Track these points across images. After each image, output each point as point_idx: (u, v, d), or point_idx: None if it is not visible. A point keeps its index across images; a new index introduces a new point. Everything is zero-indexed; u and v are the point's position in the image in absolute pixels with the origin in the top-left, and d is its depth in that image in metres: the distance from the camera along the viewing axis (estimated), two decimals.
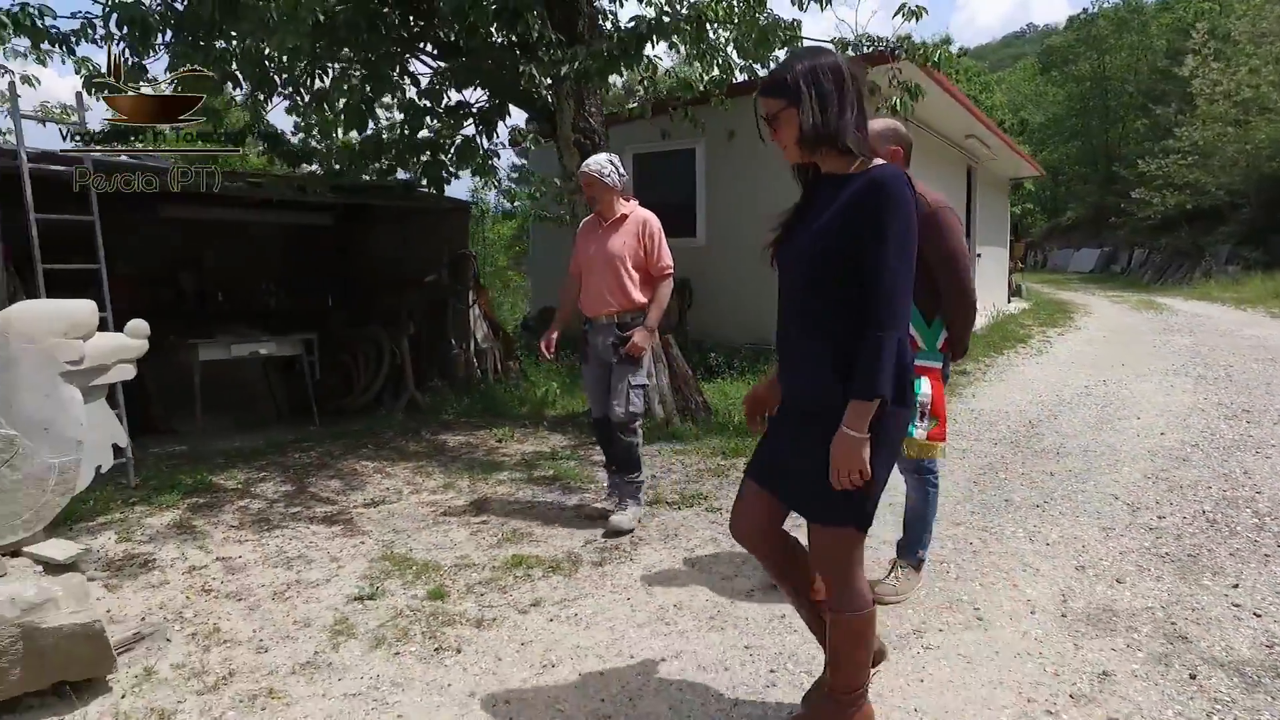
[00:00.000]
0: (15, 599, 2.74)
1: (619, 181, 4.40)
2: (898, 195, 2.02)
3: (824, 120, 2.08)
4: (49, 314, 3.10)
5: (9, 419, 3.02)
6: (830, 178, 2.19)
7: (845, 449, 2.03)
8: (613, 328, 4.38)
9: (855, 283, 2.05)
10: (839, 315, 2.09)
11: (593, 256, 4.42)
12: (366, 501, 5.10)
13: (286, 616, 3.50)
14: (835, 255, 2.07)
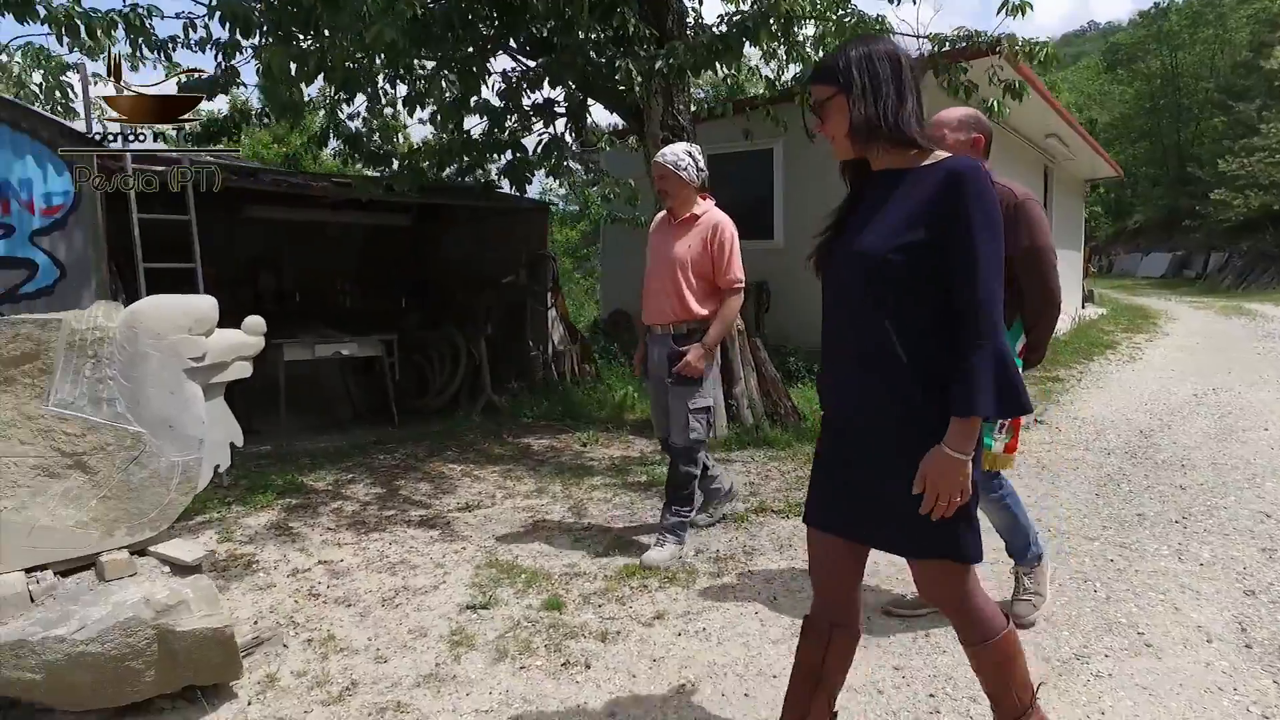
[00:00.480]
0: (150, 600, 2.67)
1: (696, 176, 3.88)
2: (983, 188, 1.80)
3: (878, 110, 1.86)
4: (174, 309, 3.03)
5: (136, 416, 2.96)
6: (884, 174, 1.95)
7: (945, 470, 1.79)
8: (668, 340, 3.90)
9: (933, 288, 1.83)
10: (918, 325, 1.85)
11: (657, 259, 3.98)
12: (460, 506, 5.00)
13: (400, 625, 3.38)
14: (909, 258, 1.83)
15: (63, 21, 4.70)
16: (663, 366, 3.92)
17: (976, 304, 1.77)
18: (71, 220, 4.72)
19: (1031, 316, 2.98)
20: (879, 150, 1.93)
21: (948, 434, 1.79)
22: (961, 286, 1.79)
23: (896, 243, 1.83)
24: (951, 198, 1.79)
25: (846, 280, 1.97)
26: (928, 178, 1.85)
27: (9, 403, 2.77)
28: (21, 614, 2.63)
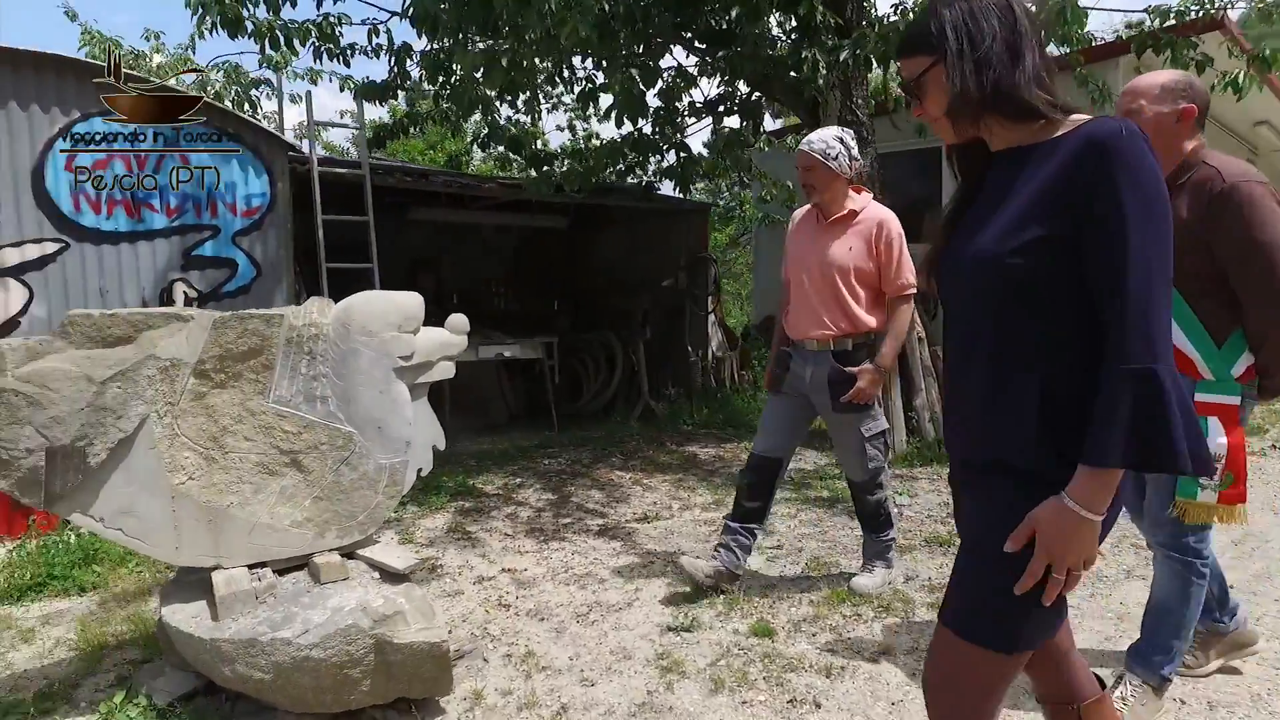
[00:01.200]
0: (366, 609, 2.57)
1: (849, 166, 3.34)
2: (1135, 157, 1.33)
3: (981, 76, 1.44)
4: (385, 305, 2.94)
5: (347, 415, 2.89)
6: (1005, 157, 1.52)
7: (1062, 528, 1.34)
8: (828, 359, 3.35)
9: (1070, 299, 1.40)
10: (1045, 341, 1.43)
11: (806, 263, 3.41)
12: (637, 516, 4.80)
13: (600, 644, 3.18)
14: (1032, 261, 1.40)
15: (265, 34, 4.86)
16: (819, 389, 3.37)
17: (1122, 314, 1.31)
18: (267, 221, 4.85)
19: (1259, 329, 2.33)
20: (993, 127, 1.50)
21: (1073, 483, 1.34)
22: (1104, 293, 1.34)
23: (1015, 242, 1.40)
24: (1088, 173, 1.34)
25: (957, 296, 1.56)
26: (1057, 151, 1.41)
27: (235, 398, 2.74)
28: (249, 611, 2.58)
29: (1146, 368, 1.28)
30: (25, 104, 4.12)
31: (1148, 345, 1.29)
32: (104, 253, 4.37)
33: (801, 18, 5.13)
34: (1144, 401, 1.28)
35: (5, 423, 2.33)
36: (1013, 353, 1.45)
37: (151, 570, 3.96)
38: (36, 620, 3.49)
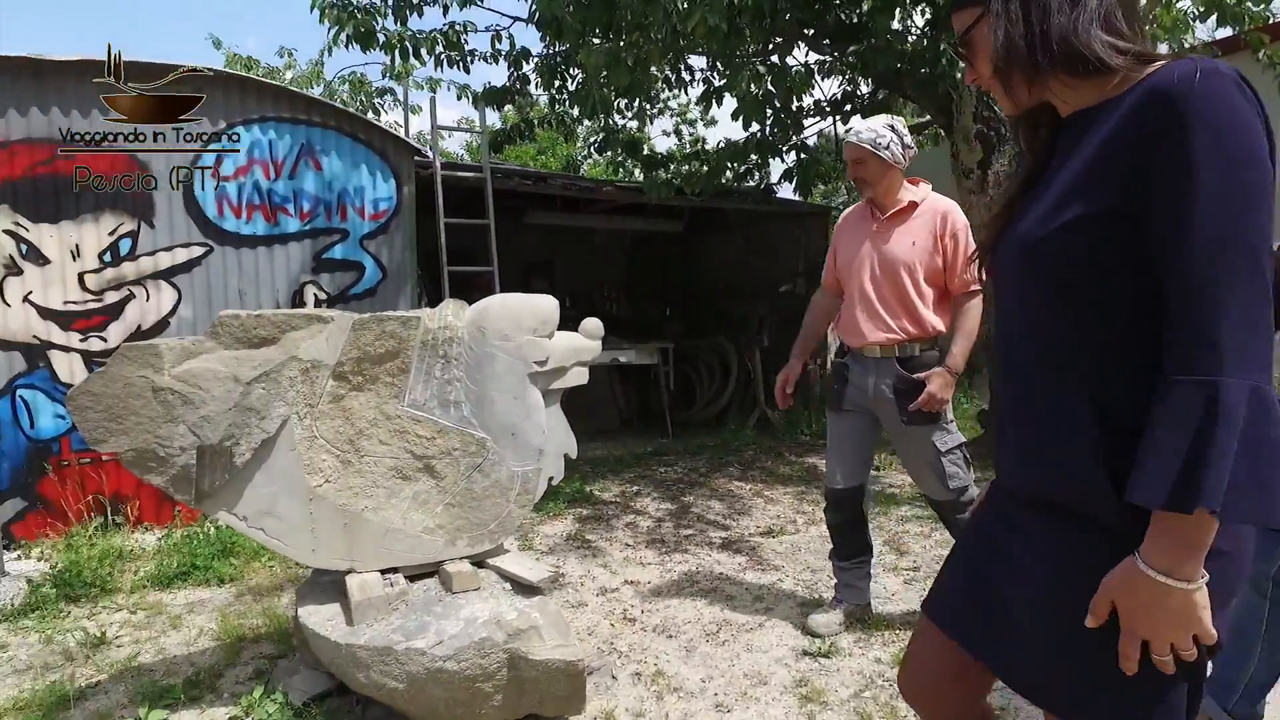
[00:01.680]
0: (500, 622, 2.49)
1: (903, 155, 3.02)
2: (1214, 106, 1.01)
3: (1029, 23, 1.17)
4: (521, 309, 2.86)
5: (480, 421, 2.82)
6: (1072, 121, 1.23)
7: (1146, 603, 1.04)
8: (892, 366, 3.03)
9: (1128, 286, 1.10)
10: (1100, 348, 1.13)
11: (863, 263, 3.09)
12: (761, 530, 4.60)
13: (732, 666, 3.01)
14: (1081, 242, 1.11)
15: (395, 45, 4.95)
16: (884, 401, 3.05)
17: (1183, 311, 1.02)
18: (393, 225, 4.91)
19: None
20: (1056, 87, 1.21)
21: (1146, 538, 1.04)
22: (1165, 284, 1.05)
23: (1060, 220, 1.14)
24: (1149, 131, 1.05)
25: (1002, 290, 1.30)
26: (1119, 108, 1.12)
27: (371, 401, 2.72)
28: (382, 617, 2.54)
29: (1209, 380, 0.98)
30: None
31: (1214, 352, 0.99)
32: (243, 256, 4.52)
33: (939, 8, 4.82)
34: (1211, 426, 0.97)
35: (162, 420, 2.36)
36: (1059, 361, 1.17)
37: (282, 566, 4.04)
38: (183, 607, 3.61)
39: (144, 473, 2.40)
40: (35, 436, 4.20)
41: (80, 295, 4.21)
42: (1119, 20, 1.16)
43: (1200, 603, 1.02)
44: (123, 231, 4.27)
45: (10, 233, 4.08)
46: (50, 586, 3.72)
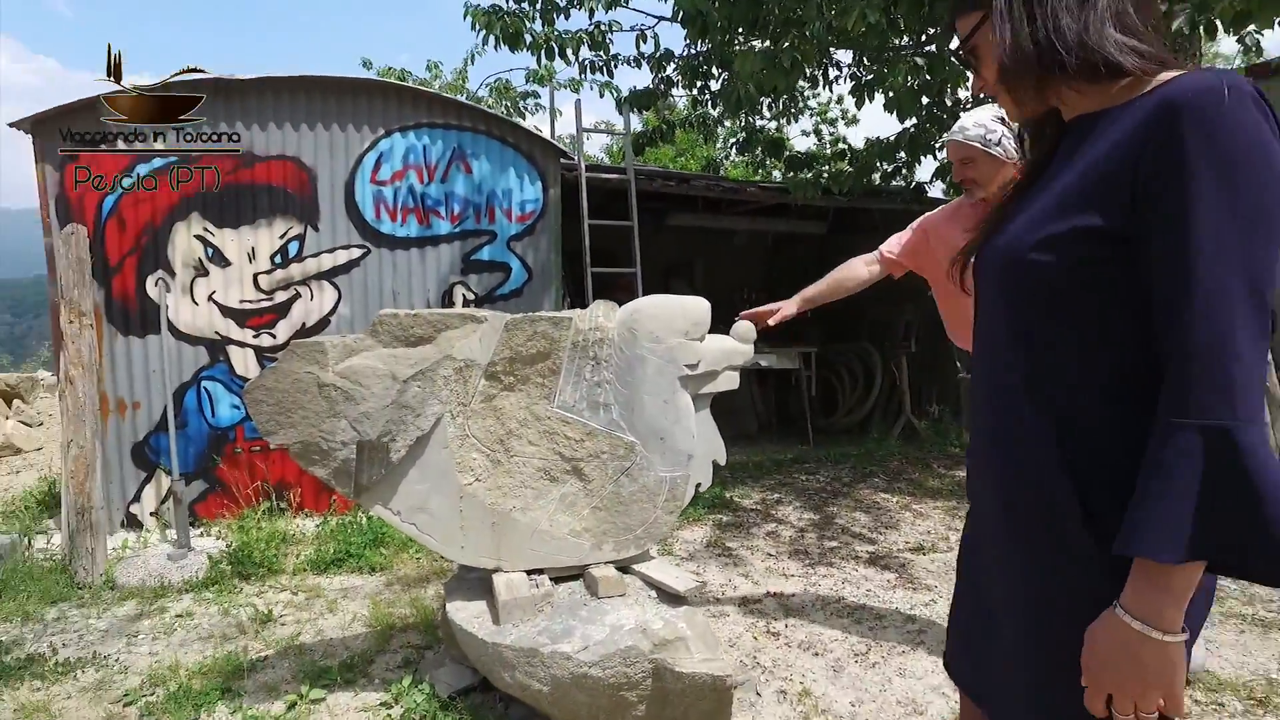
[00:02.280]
0: (646, 631, 2.42)
1: (1011, 149, 2.71)
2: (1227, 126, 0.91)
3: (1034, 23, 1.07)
4: (673, 310, 2.79)
5: (629, 424, 2.77)
6: (1075, 125, 1.13)
7: (1117, 654, 0.97)
8: None
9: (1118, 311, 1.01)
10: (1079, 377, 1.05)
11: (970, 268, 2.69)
12: (911, 546, 4.34)
13: (884, 691, 2.81)
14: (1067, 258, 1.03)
15: (541, 45, 5.01)
16: None
17: (1182, 351, 0.93)
18: (539, 226, 4.98)
19: None
20: (1064, 93, 1.12)
21: (1126, 586, 0.97)
22: (1166, 317, 0.95)
23: (1044, 232, 1.05)
24: (1154, 146, 0.95)
25: (983, 289, 1.21)
26: (1125, 116, 1.02)
27: (521, 402, 2.72)
28: (528, 618, 2.53)
29: (1219, 425, 0.89)
30: (344, 124, 4.54)
31: (1223, 395, 0.90)
32: (397, 257, 4.71)
33: None
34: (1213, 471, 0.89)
35: (326, 415, 2.44)
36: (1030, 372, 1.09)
37: (428, 559, 4.16)
38: (338, 592, 3.77)
39: (308, 464, 2.49)
40: (215, 424, 4.53)
41: (254, 294, 4.50)
42: (1132, 16, 1.06)
43: (1175, 659, 0.95)
44: (292, 235, 4.54)
45: (200, 238, 4.42)
46: (227, 564, 3.98)
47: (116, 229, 4.29)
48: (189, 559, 4.01)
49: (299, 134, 4.49)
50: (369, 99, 4.58)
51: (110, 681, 3.00)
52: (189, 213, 4.38)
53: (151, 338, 4.38)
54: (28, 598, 3.69)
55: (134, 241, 4.32)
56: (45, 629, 3.46)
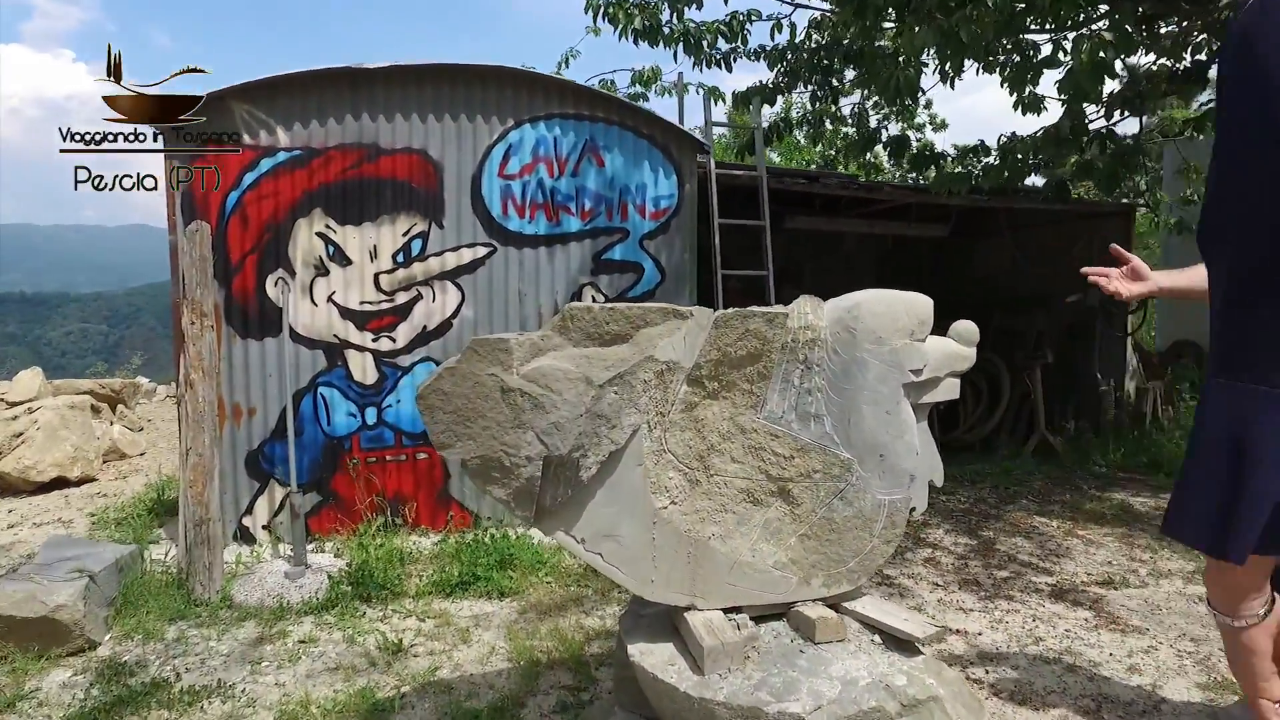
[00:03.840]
0: (890, 687, 2.02)
1: None
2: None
3: None
4: (898, 308, 2.40)
5: (843, 438, 2.37)
6: None
7: None
8: None
9: None
10: None
11: None
12: (1096, 579, 3.86)
13: None
14: None
15: (678, 38, 4.72)
16: None
17: None
18: (673, 224, 4.63)
19: None
20: None
21: None
22: None
23: None
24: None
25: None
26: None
27: (725, 411, 2.35)
28: (736, 667, 2.15)
29: None
30: (472, 115, 4.27)
31: None
32: (524, 256, 4.41)
33: None
34: None
35: (509, 425, 2.10)
36: None
37: (561, 583, 3.82)
38: (469, 619, 3.45)
39: (486, 483, 2.15)
40: (331, 433, 4.27)
41: (375, 295, 4.24)
42: None
43: None
44: (415, 232, 4.27)
45: (321, 235, 4.18)
46: (347, 584, 3.70)
47: (239, 226, 4.08)
48: (307, 577, 3.74)
49: (426, 125, 4.23)
50: (499, 88, 4.30)
51: (239, 715, 2.72)
52: (311, 209, 4.14)
53: (269, 340, 4.15)
54: (147, 614, 3.46)
55: (256, 239, 4.10)
56: (167, 649, 3.22)
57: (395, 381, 4.30)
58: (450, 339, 4.35)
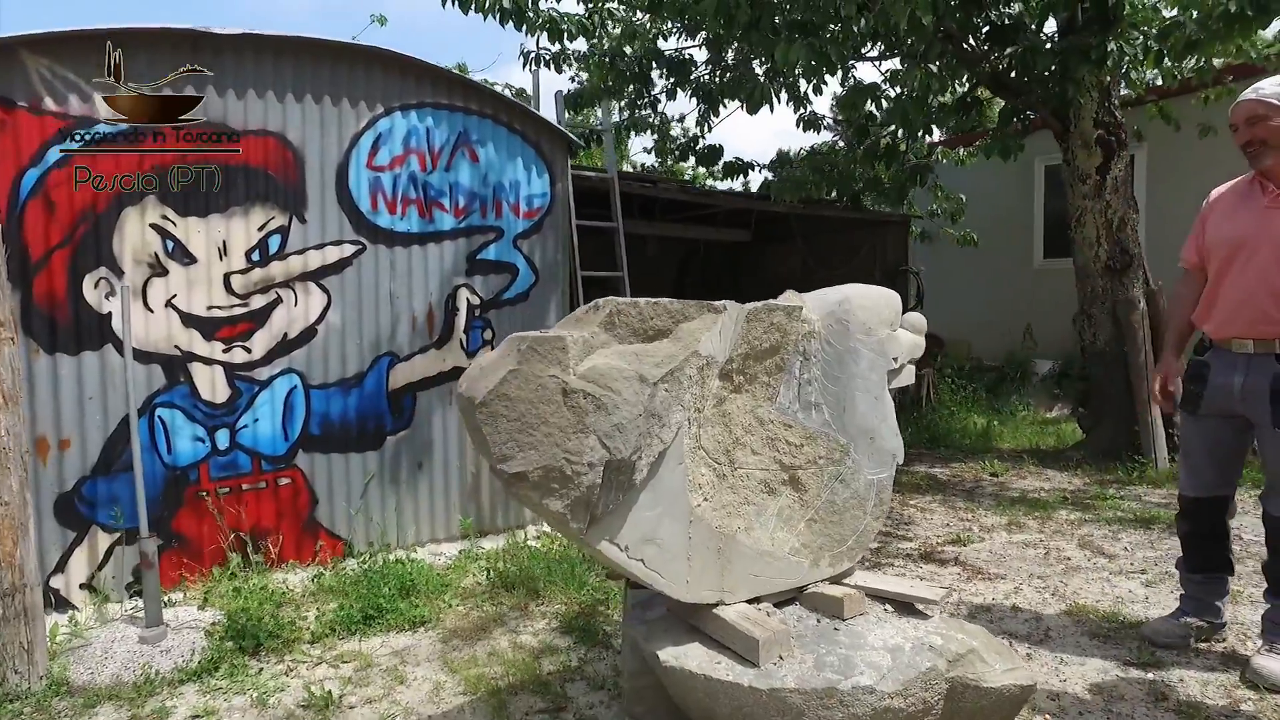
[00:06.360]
0: (934, 647, 2.18)
1: None
2: None
3: None
4: (879, 299, 2.60)
5: (839, 424, 2.52)
6: None
7: None
8: (1271, 364, 2.73)
9: None
10: None
11: (1243, 243, 2.78)
12: (946, 539, 4.41)
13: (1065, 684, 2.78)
14: None
15: (545, 24, 4.60)
16: (1257, 401, 2.75)
17: None
18: (546, 224, 4.50)
19: None
20: None
21: None
22: None
23: None
24: None
25: None
26: None
27: (747, 405, 2.38)
28: (787, 653, 2.19)
29: None
30: (338, 98, 3.81)
31: None
32: (396, 255, 4.02)
33: (1086, 9, 4.82)
34: None
35: (571, 430, 1.97)
36: None
37: (471, 602, 3.59)
38: (391, 657, 3.13)
39: (543, 496, 1.99)
40: (172, 463, 3.60)
41: (225, 299, 3.64)
42: None
43: None
44: (273, 226, 3.73)
45: (157, 228, 3.49)
46: (228, 639, 3.16)
47: (41, 214, 3.28)
48: (170, 639, 3.15)
49: (284, 106, 3.70)
50: (367, 70, 3.88)
51: None
52: (144, 196, 3.46)
53: (88, 355, 3.39)
54: None
55: (66, 231, 3.32)
56: None
57: (251, 398, 3.73)
58: (315, 347, 3.86)
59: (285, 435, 3.82)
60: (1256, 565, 3.59)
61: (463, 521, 4.29)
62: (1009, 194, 8.69)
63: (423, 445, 4.19)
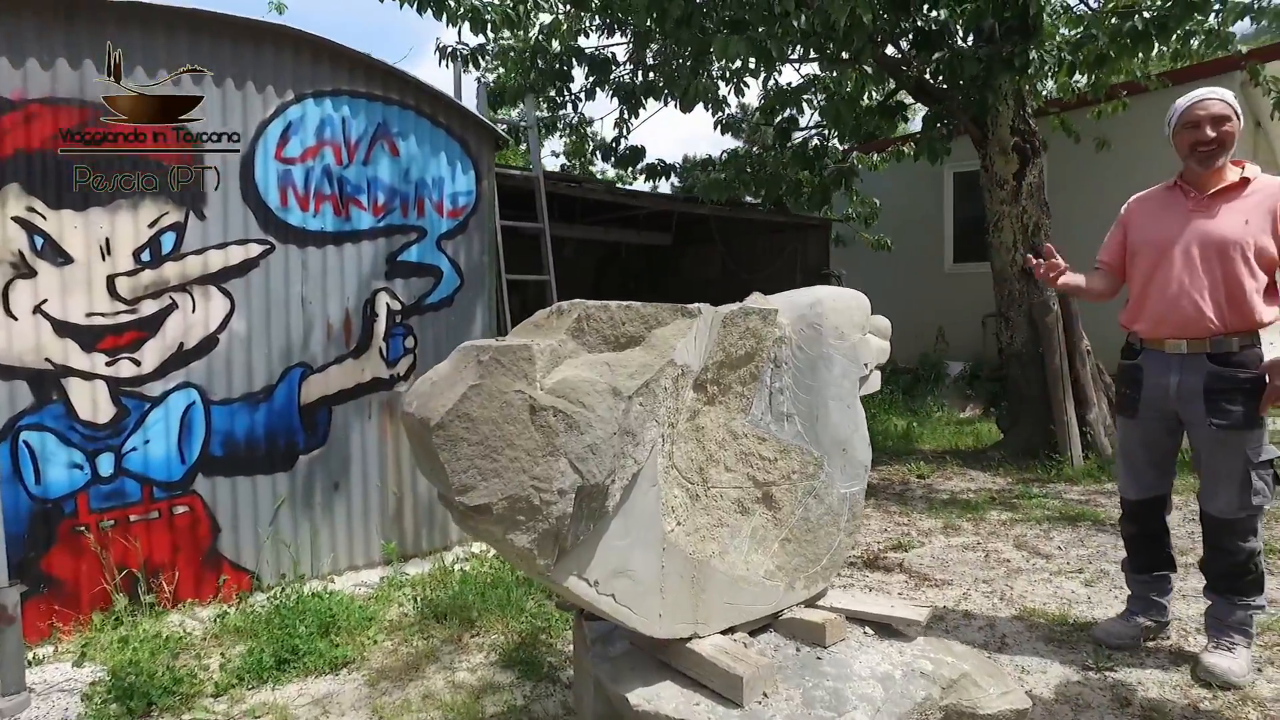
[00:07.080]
0: (925, 674, 2.05)
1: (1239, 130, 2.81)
2: None
3: None
4: (849, 302, 2.46)
5: (813, 436, 2.37)
6: None
7: None
8: (1202, 363, 2.75)
9: None
10: None
11: (1171, 245, 2.82)
12: (888, 545, 4.36)
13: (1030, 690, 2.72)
14: None
15: (467, 14, 4.32)
16: (1191, 400, 2.77)
17: None
18: (472, 224, 4.19)
19: None
20: None
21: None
22: None
23: None
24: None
25: None
26: None
27: (720, 417, 2.19)
28: (770, 689, 2.01)
29: None
30: (242, 81, 3.40)
31: None
32: (309, 256, 3.63)
33: (1006, 18, 4.90)
34: None
35: (541, 453, 1.73)
36: None
37: (399, 637, 3.28)
38: (313, 707, 2.80)
39: (508, 530, 1.74)
40: (42, 495, 3.12)
41: (109, 305, 3.19)
42: None
43: None
44: (166, 223, 3.29)
45: (21, 221, 3.02)
46: (110, 699, 2.74)
47: None
48: (38, 706, 2.72)
49: (179, 88, 3.28)
50: (276, 51, 3.49)
51: None
52: (4, 184, 2.98)
53: None
54: None
55: None
56: None
57: (141, 417, 3.29)
58: (216, 358, 3.44)
59: (182, 458, 3.39)
60: (1186, 561, 3.67)
61: (385, 546, 3.94)
62: (920, 200, 8.91)
63: (340, 464, 3.82)
